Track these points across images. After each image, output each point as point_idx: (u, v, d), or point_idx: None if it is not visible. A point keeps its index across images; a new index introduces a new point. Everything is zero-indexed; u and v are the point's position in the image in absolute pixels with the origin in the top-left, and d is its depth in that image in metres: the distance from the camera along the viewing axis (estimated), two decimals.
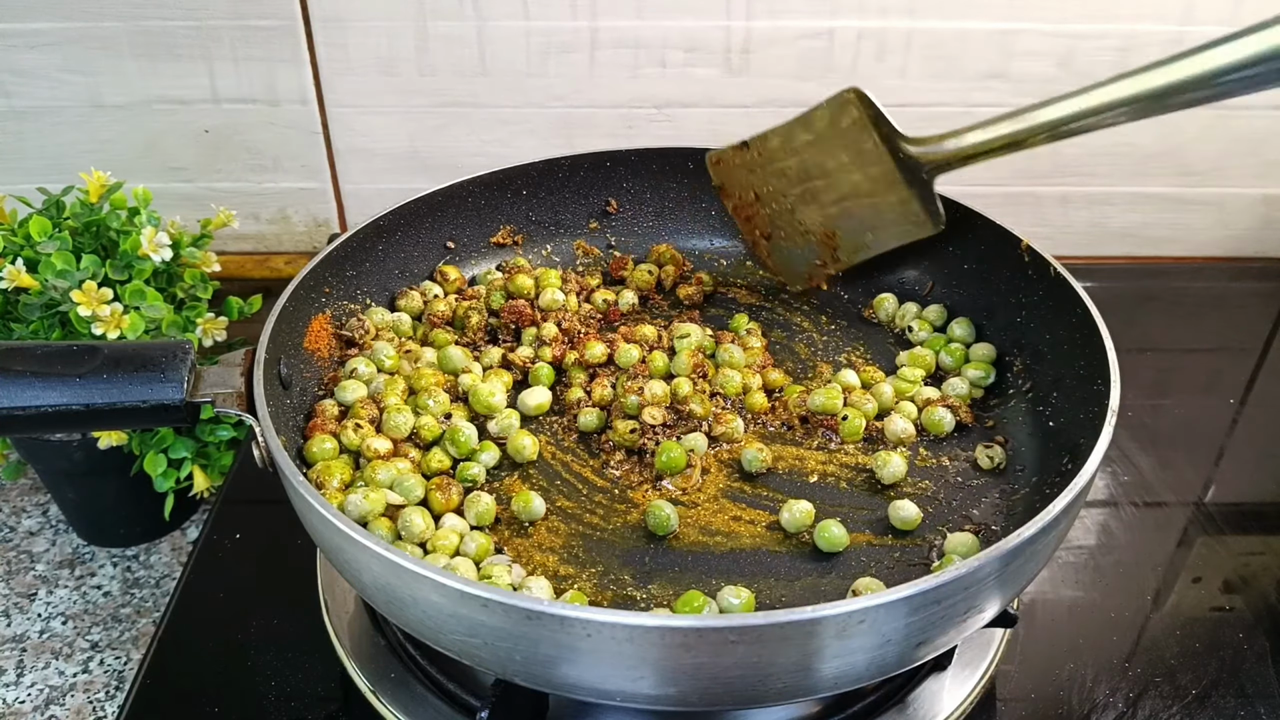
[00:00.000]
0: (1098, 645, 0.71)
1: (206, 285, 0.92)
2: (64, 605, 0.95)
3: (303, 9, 1.00)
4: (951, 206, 0.79)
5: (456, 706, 0.64)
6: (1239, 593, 0.76)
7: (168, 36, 1.01)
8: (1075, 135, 0.68)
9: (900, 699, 0.64)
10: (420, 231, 0.83)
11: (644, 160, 0.88)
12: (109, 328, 0.82)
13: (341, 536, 0.52)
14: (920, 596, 0.48)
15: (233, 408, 0.60)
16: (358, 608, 0.70)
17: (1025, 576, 0.56)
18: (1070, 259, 0.76)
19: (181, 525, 1.02)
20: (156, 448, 0.88)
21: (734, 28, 1.01)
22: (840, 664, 0.50)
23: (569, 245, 0.89)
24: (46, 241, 0.84)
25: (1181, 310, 1.11)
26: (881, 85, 1.03)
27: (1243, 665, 0.70)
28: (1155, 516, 0.83)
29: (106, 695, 0.87)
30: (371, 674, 0.66)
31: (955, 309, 0.81)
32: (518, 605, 0.47)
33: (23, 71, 1.02)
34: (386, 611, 0.56)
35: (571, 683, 0.51)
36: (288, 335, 0.69)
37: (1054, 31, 1.00)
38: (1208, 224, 1.14)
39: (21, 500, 1.06)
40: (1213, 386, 0.99)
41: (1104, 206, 1.12)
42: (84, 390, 0.58)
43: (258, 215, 1.13)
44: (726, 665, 0.48)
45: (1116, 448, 0.89)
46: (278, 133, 1.07)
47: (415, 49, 1.02)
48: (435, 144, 1.08)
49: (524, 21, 1.01)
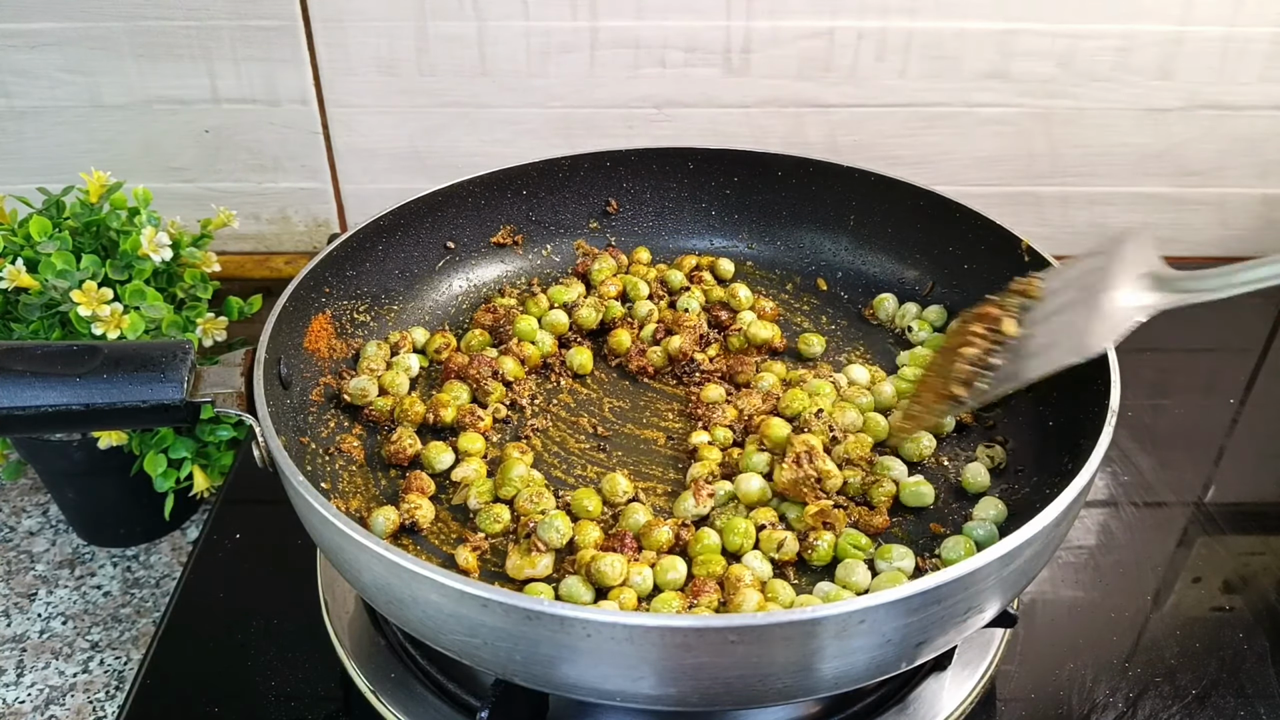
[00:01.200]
0: (1098, 645, 0.71)
1: (206, 285, 0.92)
2: (64, 605, 0.95)
3: (303, 9, 1.00)
4: (952, 206, 0.79)
5: (456, 706, 0.64)
6: (1239, 593, 0.76)
7: (168, 36, 1.01)
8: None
9: (900, 699, 0.64)
10: (420, 231, 0.83)
11: (644, 160, 0.88)
12: (109, 328, 0.82)
13: (341, 536, 0.52)
14: (920, 596, 0.48)
15: (233, 408, 0.60)
16: (358, 608, 0.70)
17: (1025, 576, 0.56)
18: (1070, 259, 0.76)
19: (181, 525, 1.02)
20: (156, 448, 0.88)
21: (734, 28, 1.01)
22: (840, 664, 0.50)
23: (569, 245, 0.89)
24: (46, 241, 0.84)
25: (1181, 310, 1.11)
26: (881, 85, 1.04)
27: (1243, 665, 0.70)
28: (1155, 516, 0.83)
29: (106, 695, 0.87)
30: (371, 674, 0.66)
31: (955, 309, 0.81)
32: (517, 605, 0.47)
33: (23, 71, 1.02)
34: (386, 611, 0.56)
35: (571, 683, 0.51)
36: (288, 335, 0.69)
37: (1054, 31, 1.00)
38: (1208, 224, 1.14)
39: (21, 500, 1.06)
40: (1213, 386, 0.99)
41: (1104, 206, 1.12)
42: (84, 390, 0.58)
43: (258, 215, 1.13)
44: (726, 665, 0.48)
45: (1116, 448, 0.89)
46: (278, 133, 1.07)
47: (415, 49, 1.02)
48: (435, 144, 1.08)
49: (524, 21, 1.01)
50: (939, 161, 1.09)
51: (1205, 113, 1.05)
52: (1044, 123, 1.06)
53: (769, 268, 0.89)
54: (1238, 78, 1.03)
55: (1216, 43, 1.01)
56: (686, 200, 0.90)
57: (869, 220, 0.86)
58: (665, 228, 0.90)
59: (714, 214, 0.90)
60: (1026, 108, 1.05)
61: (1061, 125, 1.06)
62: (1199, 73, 1.03)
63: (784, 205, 0.88)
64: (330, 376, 0.74)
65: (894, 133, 1.07)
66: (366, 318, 0.79)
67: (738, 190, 0.89)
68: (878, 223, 0.85)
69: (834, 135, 1.07)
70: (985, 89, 1.04)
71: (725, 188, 0.89)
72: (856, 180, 0.84)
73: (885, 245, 0.86)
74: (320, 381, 0.73)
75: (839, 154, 0.87)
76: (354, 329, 0.78)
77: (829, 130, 1.07)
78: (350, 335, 0.77)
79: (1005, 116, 1.06)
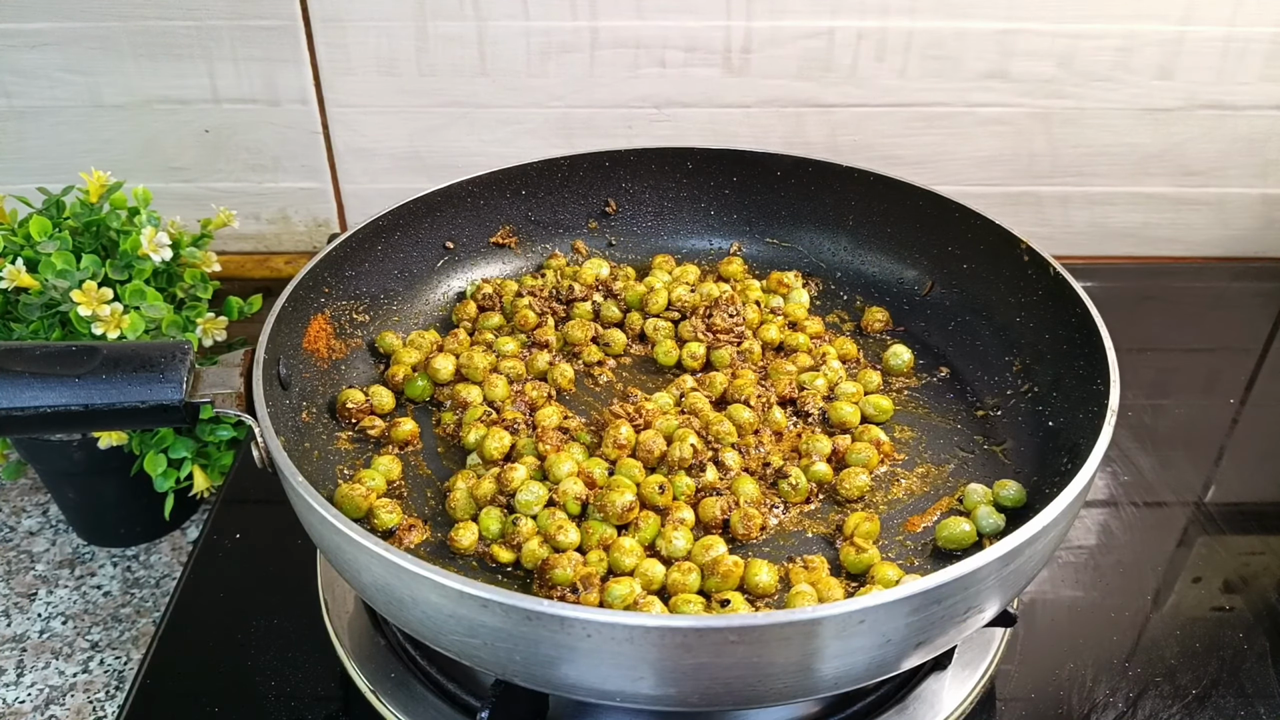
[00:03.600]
0: (1098, 645, 0.71)
1: (206, 285, 0.92)
2: (64, 605, 0.95)
3: (303, 9, 1.00)
4: (951, 206, 0.79)
5: (456, 706, 0.64)
6: (1239, 593, 0.76)
7: (168, 36, 1.01)
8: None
9: (900, 699, 0.64)
10: (420, 231, 0.83)
11: (644, 160, 0.88)
12: (109, 328, 0.82)
13: (341, 537, 0.52)
14: (920, 596, 0.48)
15: (232, 408, 0.60)
16: (358, 608, 0.70)
17: (1025, 576, 0.56)
18: (1070, 259, 0.77)
19: (181, 525, 1.02)
20: (156, 448, 0.88)
21: (734, 28, 1.01)
22: (840, 664, 0.50)
23: (568, 245, 0.89)
24: (46, 241, 0.84)
25: (1181, 310, 1.11)
26: (881, 85, 1.04)
27: (1243, 665, 0.70)
28: (1155, 516, 0.83)
29: (106, 695, 0.87)
30: (371, 674, 0.66)
31: (954, 307, 0.81)
32: (517, 606, 0.47)
33: (23, 71, 1.02)
34: (386, 612, 0.56)
35: (571, 683, 0.51)
36: (287, 335, 0.69)
37: (1054, 31, 1.00)
38: (1208, 224, 1.14)
39: (21, 500, 1.06)
40: (1213, 386, 0.99)
41: (1104, 206, 1.12)
42: (83, 391, 0.58)
43: (258, 215, 1.13)
44: (726, 665, 0.48)
45: (1116, 448, 0.89)
46: (278, 133, 1.07)
47: (415, 49, 1.02)
48: (435, 144, 1.08)
49: (524, 21, 1.01)
50: (939, 161, 1.09)
51: (1205, 113, 1.05)
52: (1044, 123, 1.06)
53: (768, 268, 0.89)
54: (1238, 78, 1.03)
55: (1216, 43, 1.01)
56: (686, 200, 0.90)
57: (869, 220, 0.86)
58: (664, 228, 0.90)
59: (713, 214, 0.90)
60: (1026, 108, 1.05)
61: (1061, 125, 1.06)
62: (1199, 73, 1.03)
63: (784, 205, 0.88)
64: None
65: (894, 133, 1.07)
66: (366, 318, 0.79)
67: (737, 190, 0.89)
68: (877, 223, 0.85)
69: (834, 135, 1.07)
70: (985, 89, 1.04)
71: (725, 188, 0.89)
72: (856, 180, 0.84)
73: (885, 245, 0.86)
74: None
75: (839, 154, 0.87)
76: (353, 329, 0.78)
77: (829, 130, 1.07)
78: (349, 335, 0.77)
79: (1005, 116, 1.06)
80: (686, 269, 0.86)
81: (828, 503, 0.67)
